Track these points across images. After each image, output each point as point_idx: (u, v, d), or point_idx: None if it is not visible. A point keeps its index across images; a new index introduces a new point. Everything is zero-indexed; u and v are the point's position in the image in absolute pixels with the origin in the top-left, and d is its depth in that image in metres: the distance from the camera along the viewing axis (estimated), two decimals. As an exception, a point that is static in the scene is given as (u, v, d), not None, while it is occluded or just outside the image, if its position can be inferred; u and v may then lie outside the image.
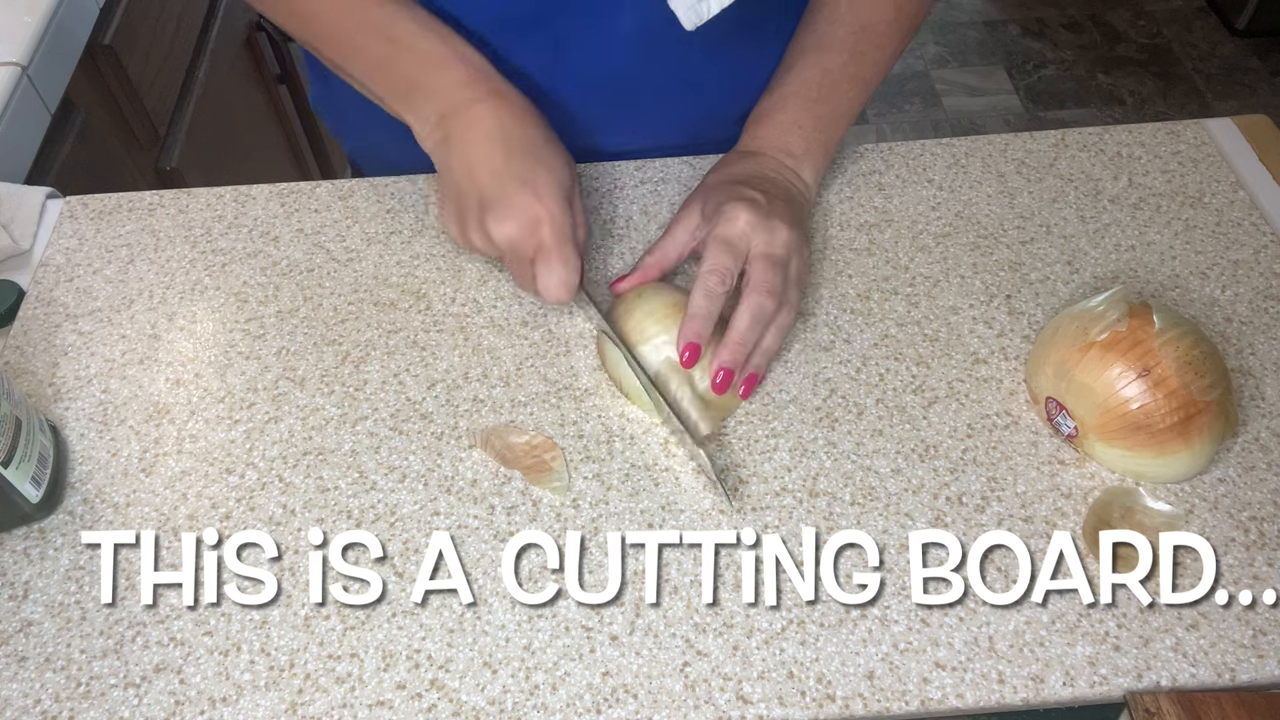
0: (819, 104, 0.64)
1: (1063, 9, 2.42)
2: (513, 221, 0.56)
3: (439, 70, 0.59)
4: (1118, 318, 0.53)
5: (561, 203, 0.57)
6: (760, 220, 0.57)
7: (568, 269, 0.57)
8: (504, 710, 0.47)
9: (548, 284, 0.57)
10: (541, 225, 0.56)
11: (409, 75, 0.60)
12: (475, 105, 0.58)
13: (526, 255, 0.57)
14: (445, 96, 0.59)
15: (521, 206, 0.56)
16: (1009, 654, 0.49)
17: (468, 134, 0.58)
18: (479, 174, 0.57)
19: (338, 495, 0.55)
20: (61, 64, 0.95)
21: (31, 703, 0.48)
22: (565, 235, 0.57)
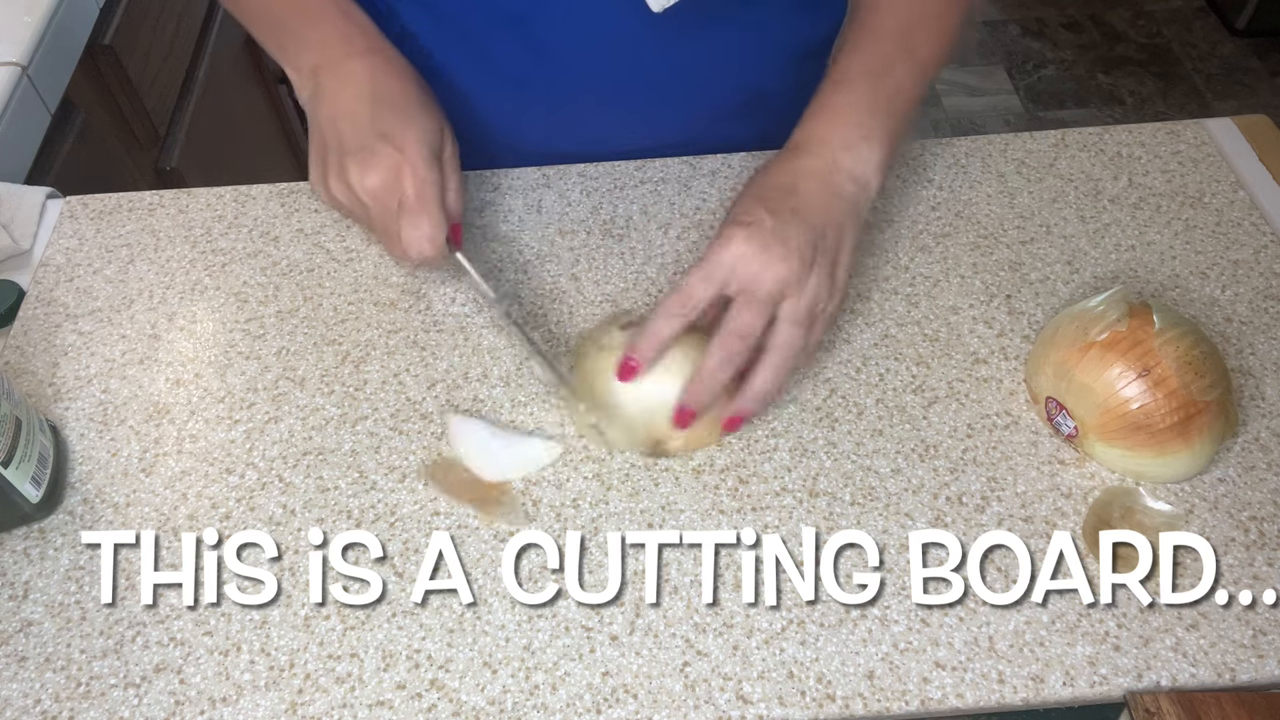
0: (874, 94, 0.59)
1: (1063, 9, 2.42)
2: (375, 172, 0.55)
3: (318, 24, 0.60)
4: (1118, 318, 0.53)
5: (427, 158, 0.56)
6: (754, 249, 0.52)
7: (433, 224, 0.55)
8: (504, 710, 0.47)
9: (411, 237, 0.55)
10: (404, 177, 0.55)
11: (291, 26, 0.61)
12: (349, 60, 0.58)
13: (389, 208, 0.56)
14: (321, 50, 0.59)
15: (383, 155, 0.55)
16: (1009, 654, 0.49)
17: (339, 87, 0.58)
18: (342, 124, 0.57)
19: (338, 495, 0.55)
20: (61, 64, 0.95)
21: (31, 703, 0.48)
22: (431, 190, 0.55)
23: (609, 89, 0.70)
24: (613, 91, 0.70)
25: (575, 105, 0.70)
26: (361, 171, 0.55)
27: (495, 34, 0.67)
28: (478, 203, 0.70)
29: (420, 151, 0.55)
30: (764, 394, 0.54)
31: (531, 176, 0.72)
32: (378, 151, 0.55)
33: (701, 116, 0.73)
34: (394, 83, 0.59)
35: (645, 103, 0.71)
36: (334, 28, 0.60)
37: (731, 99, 0.71)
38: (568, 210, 0.70)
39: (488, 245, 0.67)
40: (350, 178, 0.56)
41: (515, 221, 0.69)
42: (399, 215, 0.55)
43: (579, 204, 0.70)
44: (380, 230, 0.57)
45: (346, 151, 0.56)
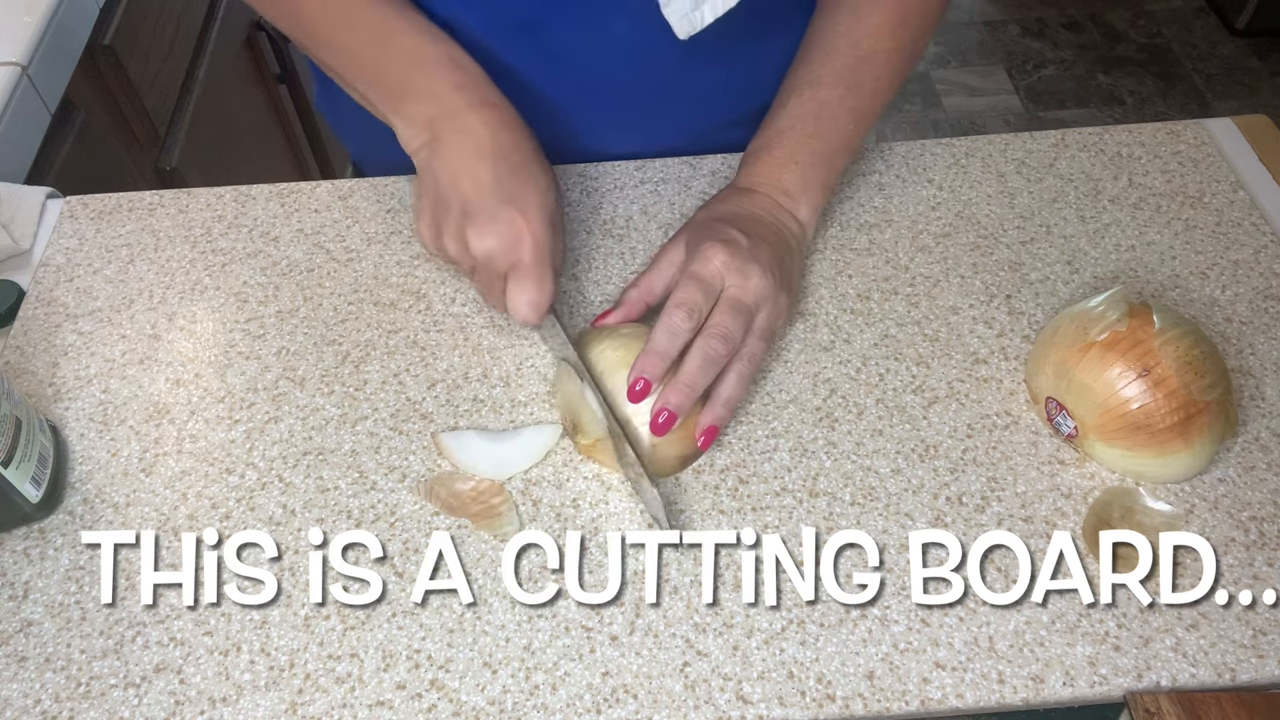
0: (815, 139, 0.62)
1: (1063, 9, 2.42)
2: (494, 236, 0.55)
3: (430, 73, 0.58)
4: (1118, 318, 0.53)
5: (545, 224, 0.56)
6: (737, 263, 0.55)
7: (540, 291, 0.56)
8: (504, 710, 0.47)
9: (518, 303, 0.56)
10: (522, 243, 0.55)
11: (399, 76, 0.59)
12: (466, 113, 0.57)
13: (500, 271, 0.56)
14: (435, 100, 0.58)
15: (505, 222, 0.55)
16: (1009, 654, 0.49)
17: (457, 141, 0.57)
18: (464, 184, 0.56)
19: (338, 495, 0.55)
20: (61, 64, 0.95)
21: (31, 703, 0.48)
22: (544, 257, 0.56)
23: (616, 96, 0.70)
24: (618, 97, 0.70)
25: (580, 108, 0.70)
26: (480, 235, 0.55)
27: (507, 40, 0.66)
28: (478, 203, 0.70)
29: (541, 218, 0.56)
30: (731, 400, 0.55)
31: (531, 176, 0.72)
32: (499, 218, 0.55)
33: (705, 125, 0.73)
34: (511, 138, 0.58)
35: (650, 109, 0.71)
36: (446, 77, 0.58)
37: (737, 109, 0.71)
38: (568, 210, 0.70)
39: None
40: (469, 239, 0.56)
41: (515, 221, 0.69)
42: (509, 278, 0.56)
43: (579, 204, 0.70)
44: (485, 289, 0.58)
45: (469, 214, 0.56)
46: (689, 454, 0.56)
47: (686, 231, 0.61)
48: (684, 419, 0.54)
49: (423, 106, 0.58)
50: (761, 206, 0.61)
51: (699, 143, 0.73)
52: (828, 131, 0.62)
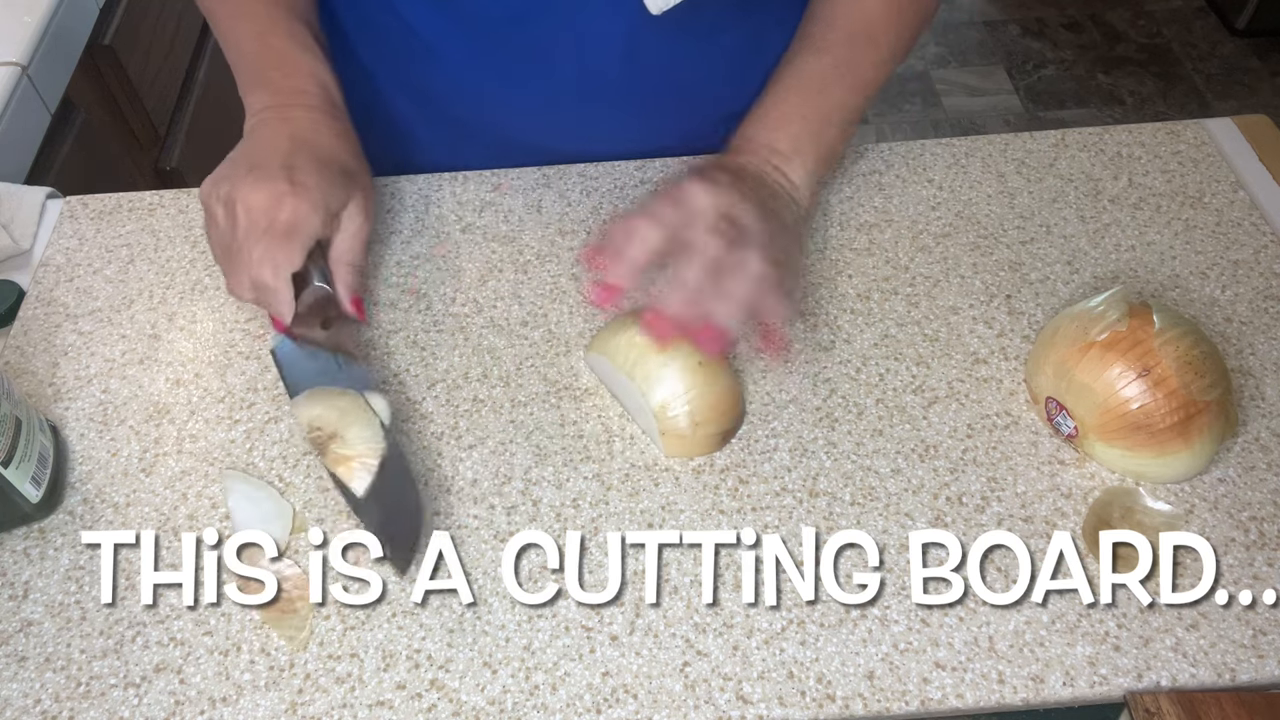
0: (807, 105, 0.61)
1: (1063, 9, 2.42)
2: (262, 193, 0.55)
3: (284, 69, 0.61)
4: (1118, 318, 0.53)
5: (316, 204, 0.56)
6: (718, 190, 0.53)
7: (286, 257, 0.55)
8: (504, 710, 0.47)
9: (256, 257, 0.55)
10: (283, 205, 0.55)
11: (257, 63, 0.62)
12: (299, 109, 0.60)
13: (258, 228, 0.55)
14: (279, 95, 0.61)
15: (276, 182, 0.55)
16: (1009, 654, 0.49)
17: (277, 124, 0.59)
18: (259, 150, 0.58)
19: (337, 495, 0.55)
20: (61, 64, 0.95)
21: (31, 703, 0.48)
22: (303, 228, 0.56)
23: (607, 91, 0.69)
24: (611, 94, 0.70)
25: (573, 106, 0.70)
26: (251, 188, 0.55)
27: (489, 38, 0.67)
28: (478, 203, 0.70)
29: (310, 195, 0.56)
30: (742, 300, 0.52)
31: (531, 176, 0.72)
32: (274, 176, 0.56)
33: (700, 120, 0.73)
34: (330, 140, 0.60)
35: (644, 106, 0.71)
36: (294, 75, 0.61)
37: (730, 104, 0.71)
38: (568, 210, 0.70)
39: (488, 245, 0.67)
40: (238, 188, 0.56)
41: (515, 221, 0.69)
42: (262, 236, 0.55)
43: (579, 204, 0.70)
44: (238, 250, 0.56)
45: (251, 167, 0.57)
46: (729, 429, 0.56)
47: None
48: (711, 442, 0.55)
49: (267, 97, 0.61)
50: (752, 163, 0.60)
51: (694, 142, 0.73)
52: (822, 99, 0.62)
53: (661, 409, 0.54)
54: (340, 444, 0.53)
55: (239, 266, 0.56)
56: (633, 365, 0.55)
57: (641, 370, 0.55)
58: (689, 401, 0.54)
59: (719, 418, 0.55)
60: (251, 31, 0.63)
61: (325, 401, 0.55)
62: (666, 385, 0.54)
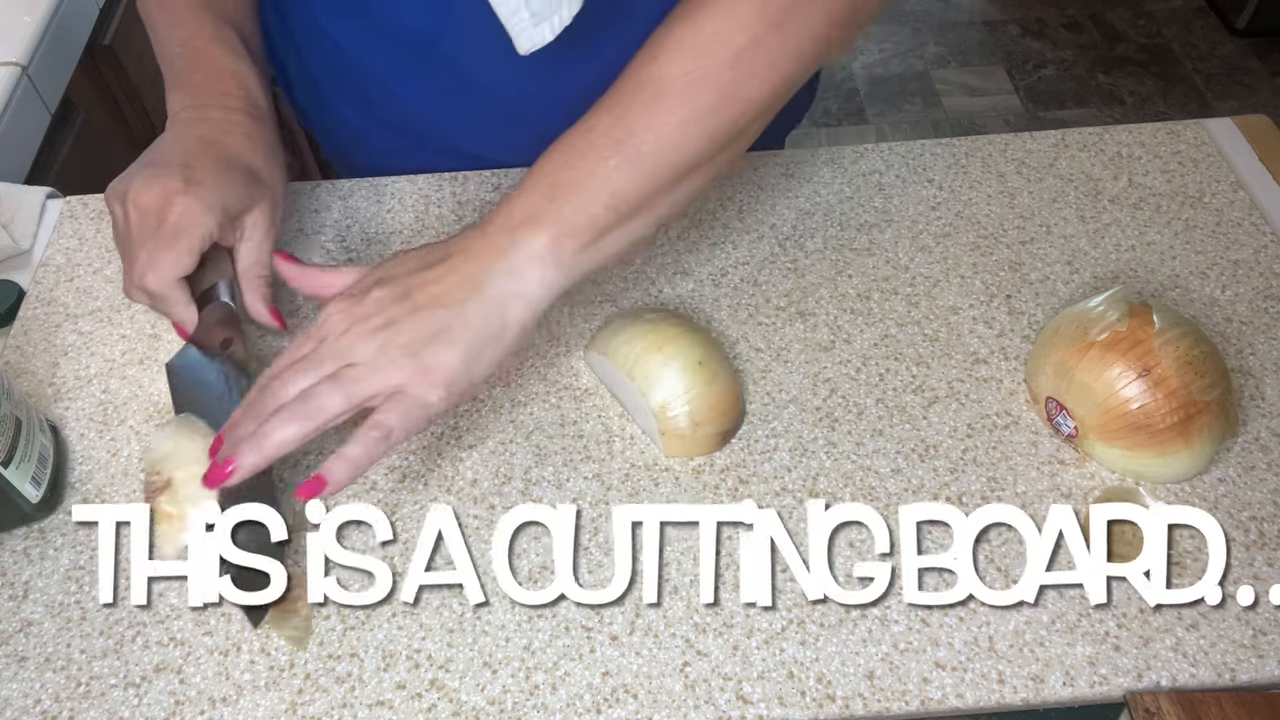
0: (564, 169, 0.49)
1: (1063, 9, 2.42)
2: (153, 191, 0.54)
3: (205, 71, 0.60)
4: (1118, 318, 0.53)
5: (210, 204, 0.54)
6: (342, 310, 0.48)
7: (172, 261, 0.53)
8: (504, 710, 0.47)
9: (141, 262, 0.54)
10: (172, 209, 0.53)
11: (185, 73, 0.61)
12: (215, 108, 0.58)
13: (148, 230, 0.54)
14: (198, 96, 0.59)
15: (169, 180, 0.54)
16: (1009, 654, 0.49)
17: (189, 125, 0.58)
18: (164, 147, 0.57)
19: (337, 495, 0.55)
20: (61, 64, 0.95)
21: (31, 703, 0.48)
22: (192, 230, 0.54)
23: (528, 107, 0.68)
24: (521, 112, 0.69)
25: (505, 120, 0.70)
26: (144, 185, 0.54)
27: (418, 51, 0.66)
28: (478, 203, 0.70)
29: (204, 195, 0.54)
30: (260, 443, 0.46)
31: (531, 176, 0.72)
32: (168, 174, 0.54)
33: None
34: (240, 141, 0.58)
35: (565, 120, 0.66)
36: (216, 78, 0.60)
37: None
38: (568, 210, 0.70)
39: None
40: (132, 185, 0.54)
41: (515, 221, 0.69)
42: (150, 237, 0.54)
43: (579, 204, 0.70)
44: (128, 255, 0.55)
45: (149, 164, 0.55)
46: (729, 429, 0.56)
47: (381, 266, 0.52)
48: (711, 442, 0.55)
49: (186, 98, 0.60)
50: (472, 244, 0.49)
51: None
52: (580, 163, 0.49)
53: (661, 409, 0.54)
54: (169, 498, 0.52)
55: (128, 269, 0.55)
56: (633, 365, 0.55)
57: (641, 370, 0.55)
58: (689, 401, 0.54)
59: (719, 418, 0.55)
60: (179, 37, 0.61)
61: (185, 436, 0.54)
62: (666, 385, 0.54)
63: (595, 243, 0.49)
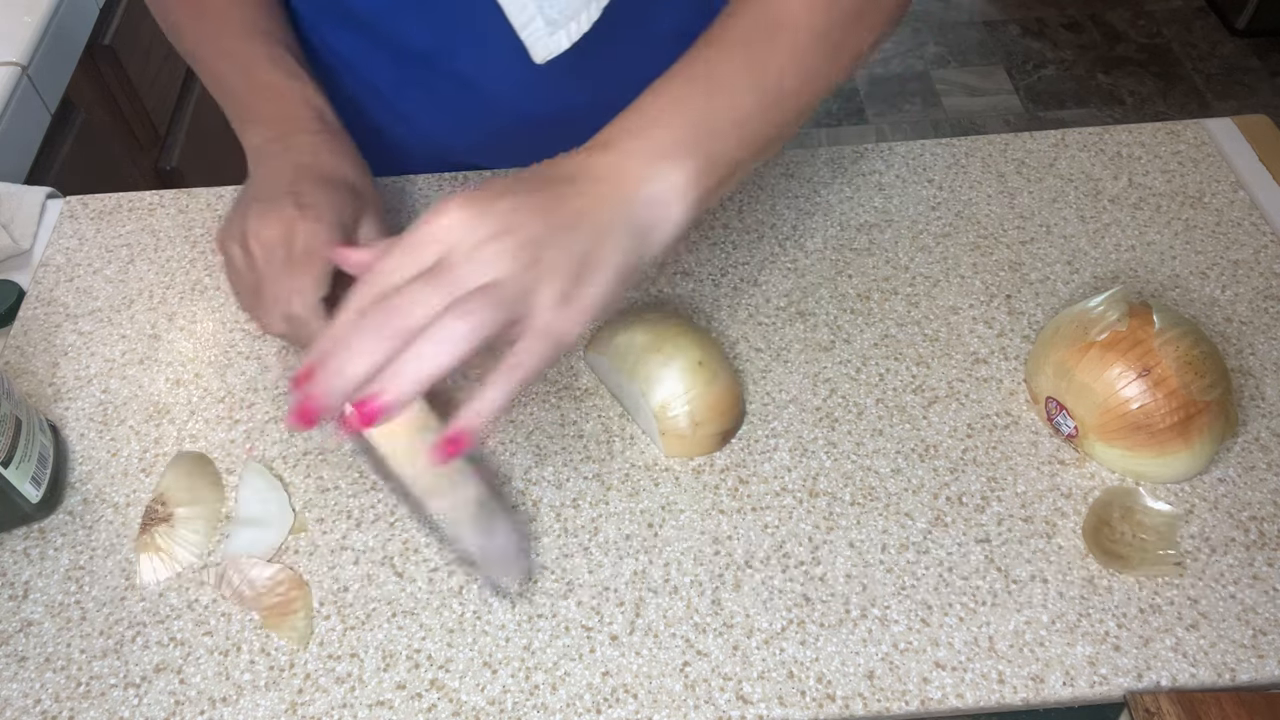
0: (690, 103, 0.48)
1: (1063, 9, 2.42)
2: (272, 225, 0.53)
3: (271, 98, 0.59)
4: (1118, 318, 0.53)
5: (329, 222, 0.53)
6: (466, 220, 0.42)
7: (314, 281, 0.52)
8: (504, 710, 0.47)
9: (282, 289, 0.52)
10: (296, 234, 0.52)
11: (243, 96, 0.60)
12: (299, 135, 0.58)
13: (277, 261, 0.52)
14: (277, 125, 0.58)
15: (284, 209, 0.53)
16: (1009, 654, 0.49)
17: (280, 155, 0.57)
18: (263, 183, 0.56)
19: (338, 495, 0.55)
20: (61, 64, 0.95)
21: (31, 703, 0.48)
22: (321, 249, 0.52)
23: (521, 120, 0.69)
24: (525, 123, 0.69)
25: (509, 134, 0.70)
26: (260, 221, 0.53)
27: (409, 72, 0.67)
28: (478, 203, 0.70)
29: (322, 215, 0.53)
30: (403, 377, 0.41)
31: (531, 176, 0.72)
32: (280, 205, 0.53)
33: None
34: (331, 160, 0.57)
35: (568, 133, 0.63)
36: (286, 103, 0.59)
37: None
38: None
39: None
40: (248, 224, 0.53)
41: (515, 221, 0.69)
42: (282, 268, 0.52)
43: (579, 204, 0.70)
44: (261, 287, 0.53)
45: (254, 200, 0.55)
46: (729, 429, 0.56)
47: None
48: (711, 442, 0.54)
49: (263, 131, 0.59)
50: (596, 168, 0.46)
51: None
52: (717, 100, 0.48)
53: (661, 409, 0.54)
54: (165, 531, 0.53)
55: (266, 303, 0.53)
56: (633, 365, 0.55)
57: (642, 370, 0.55)
58: (689, 401, 0.54)
59: (719, 418, 0.55)
60: (235, 69, 0.61)
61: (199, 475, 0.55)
62: (666, 385, 0.54)
63: (728, 179, 0.48)
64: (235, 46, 0.61)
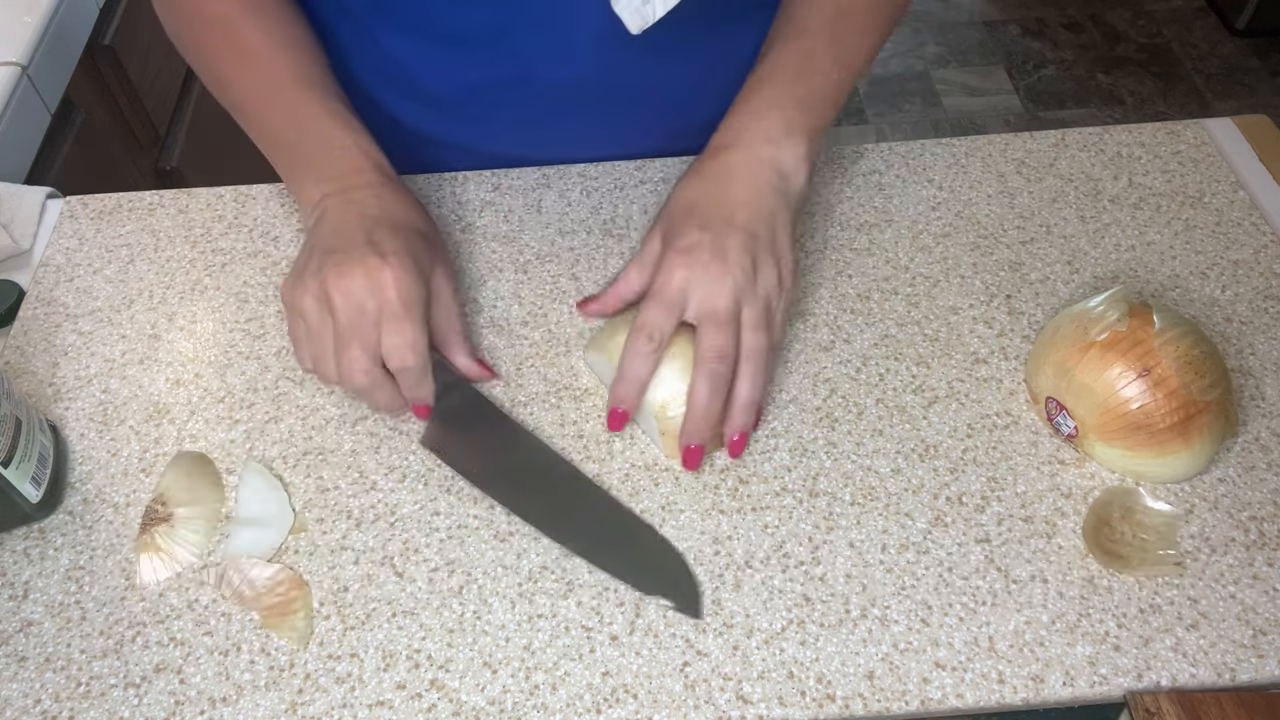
0: (799, 85, 0.60)
1: (1063, 9, 2.42)
2: (354, 277, 0.52)
3: (328, 150, 0.59)
4: (1118, 318, 0.53)
5: (412, 270, 0.53)
6: (698, 273, 0.54)
7: (416, 330, 0.52)
8: (504, 710, 0.47)
9: (392, 345, 0.52)
10: (387, 284, 0.52)
11: (307, 156, 0.59)
12: (361, 189, 0.57)
13: (364, 312, 0.52)
14: (335, 179, 0.58)
15: (366, 261, 0.52)
16: (1009, 654, 0.49)
17: (343, 209, 0.56)
18: (333, 236, 0.55)
19: (338, 495, 0.55)
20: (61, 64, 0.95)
21: (31, 703, 0.48)
22: (417, 297, 0.53)
23: (584, 101, 0.69)
24: (587, 104, 0.69)
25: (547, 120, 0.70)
26: (339, 273, 0.52)
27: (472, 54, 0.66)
28: (478, 203, 0.70)
29: (405, 262, 0.53)
30: (751, 403, 0.54)
31: (531, 176, 0.72)
32: (362, 256, 0.53)
33: (676, 128, 0.72)
34: (399, 209, 0.57)
35: (620, 115, 0.71)
36: (344, 156, 0.59)
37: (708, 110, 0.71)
38: (568, 210, 0.70)
39: (488, 245, 0.67)
40: (327, 276, 0.52)
41: (515, 221, 0.69)
42: (379, 322, 0.52)
43: (579, 204, 0.70)
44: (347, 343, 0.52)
45: (330, 252, 0.54)
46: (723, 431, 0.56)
47: (662, 223, 0.58)
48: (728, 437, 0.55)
49: (322, 186, 0.58)
50: (737, 164, 0.58)
51: (671, 146, 0.73)
52: (812, 78, 0.60)
53: (661, 409, 0.54)
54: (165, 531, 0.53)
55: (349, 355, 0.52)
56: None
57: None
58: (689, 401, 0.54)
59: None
60: (288, 122, 0.60)
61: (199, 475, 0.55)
62: (666, 385, 0.54)
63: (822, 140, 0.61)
64: (286, 99, 0.60)
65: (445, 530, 0.53)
